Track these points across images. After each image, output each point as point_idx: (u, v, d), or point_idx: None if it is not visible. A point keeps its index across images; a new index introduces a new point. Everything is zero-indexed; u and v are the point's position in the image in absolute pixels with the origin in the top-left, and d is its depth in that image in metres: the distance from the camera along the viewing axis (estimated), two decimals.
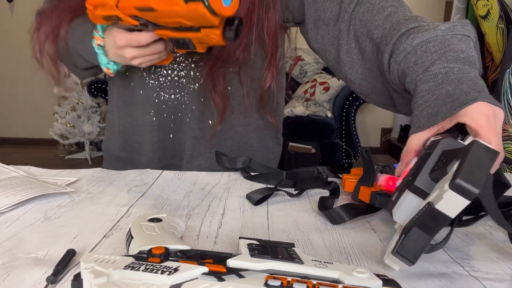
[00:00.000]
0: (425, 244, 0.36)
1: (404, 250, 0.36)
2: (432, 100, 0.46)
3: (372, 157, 0.57)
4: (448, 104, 0.44)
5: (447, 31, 0.51)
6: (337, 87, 2.95)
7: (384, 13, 0.59)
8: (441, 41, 0.51)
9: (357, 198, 0.55)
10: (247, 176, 0.71)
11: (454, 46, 0.49)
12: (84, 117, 3.40)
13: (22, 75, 3.90)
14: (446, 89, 0.46)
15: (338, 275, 0.31)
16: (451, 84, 0.46)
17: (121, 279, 0.29)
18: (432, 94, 0.47)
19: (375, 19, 0.60)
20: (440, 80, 0.47)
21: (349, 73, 0.67)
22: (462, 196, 0.33)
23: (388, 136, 3.82)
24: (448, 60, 0.48)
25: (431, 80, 0.48)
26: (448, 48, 0.49)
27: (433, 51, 0.50)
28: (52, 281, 0.37)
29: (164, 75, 0.76)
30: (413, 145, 0.47)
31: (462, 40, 0.50)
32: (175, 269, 0.30)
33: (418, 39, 0.52)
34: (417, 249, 0.36)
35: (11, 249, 0.44)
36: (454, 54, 0.49)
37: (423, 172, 0.37)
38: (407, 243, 0.36)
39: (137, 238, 0.38)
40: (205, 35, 0.53)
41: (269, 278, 0.29)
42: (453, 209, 0.34)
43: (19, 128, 4.07)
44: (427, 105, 0.46)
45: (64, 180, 0.67)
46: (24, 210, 0.55)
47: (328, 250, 0.45)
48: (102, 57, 0.66)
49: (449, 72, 0.47)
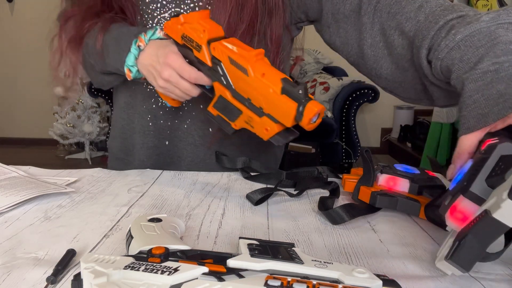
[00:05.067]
0: (479, 252, 0.35)
1: (458, 258, 0.35)
2: (482, 100, 0.44)
3: (372, 157, 0.57)
4: (500, 105, 0.42)
5: (492, 21, 0.47)
6: (337, 87, 2.94)
7: (415, 4, 0.56)
8: (486, 34, 0.47)
9: (357, 198, 0.55)
10: (247, 176, 0.71)
11: (502, 38, 0.46)
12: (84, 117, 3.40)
13: (22, 75, 3.90)
14: (496, 88, 0.43)
15: (338, 275, 0.31)
16: (502, 82, 0.43)
17: (121, 279, 0.29)
18: (481, 94, 0.44)
19: (406, 11, 0.56)
20: (489, 79, 0.44)
21: (374, 68, 0.64)
22: None
23: (388, 136, 3.82)
24: (497, 54, 0.45)
25: (480, 79, 0.45)
26: (496, 41, 0.46)
27: (479, 46, 0.47)
28: (52, 281, 0.37)
29: None
30: (466, 146, 0.45)
31: (509, 29, 0.47)
32: (175, 269, 0.30)
33: (461, 34, 0.48)
34: (472, 257, 0.35)
35: (11, 249, 0.44)
36: (503, 46, 0.45)
37: (479, 177, 0.36)
38: (461, 251, 0.35)
39: (137, 238, 0.38)
40: (262, 122, 0.50)
41: (269, 278, 0.29)
42: (510, 218, 0.32)
43: (19, 128, 4.07)
44: (476, 105, 0.44)
45: (64, 180, 0.67)
46: (24, 210, 0.55)
47: (328, 250, 0.45)
48: (131, 58, 0.64)
49: (499, 69, 0.44)
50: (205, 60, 0.55)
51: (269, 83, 0.48)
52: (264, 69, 0.49)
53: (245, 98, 0.52)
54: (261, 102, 0.50)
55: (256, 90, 0.50)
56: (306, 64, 3.28)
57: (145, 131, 0.78)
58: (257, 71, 0.49)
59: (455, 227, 0.38)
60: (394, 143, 3.67)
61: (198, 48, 0.55)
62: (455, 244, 0.35)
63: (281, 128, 0.50)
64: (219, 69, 0.54)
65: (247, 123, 0.53)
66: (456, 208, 0.38)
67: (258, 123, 0.51)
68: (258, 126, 0.51)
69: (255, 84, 0.49)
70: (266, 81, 0.48)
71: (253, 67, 0.49)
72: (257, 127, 0.52)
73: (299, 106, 0.46)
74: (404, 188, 0.55)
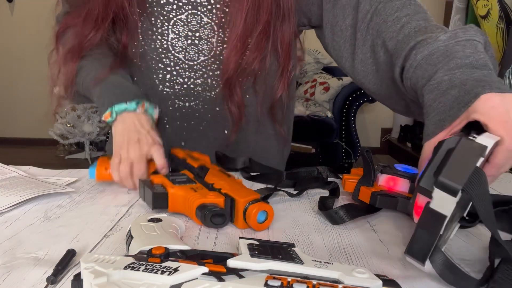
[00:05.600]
0: (430, 244, 0.36)
1: (412, 251, 0.37)
2: (440, 107, 0.46)
3: (372, 157, 0.57)
4: (454, 108, 0.44)
5: (449, 40, 0.51)
6: (337, 87, 2.94)
7: (398, 25, 0.59)
8: (444, 52, 0.50)
9: (357, 198, 0.55)
10: (247, 176, 0.71)
11: (458, 54, 0.49)
12: (84, 117, 3.39)
13: (22, 75, 3.90)
14: (451, 94, 0.45)
15: (338, 275, 0.31)
16: (455, 88, 0.46)
17: (121, 279, 0.29)
18: (438, 102, 0.46)
19: (390, 30, 0.60)
20: (444, 87, 0.47)
21: (363, 83, 0.67)
22: (447, 193, 0.33)
23: (388, 136, 3.82)
24: (451, 68, 0.48)
25: (435, 89, 0.48)
26: (451, 57, 0.49)
27: (437, 62, 0.50)
28: (52, 281, 0.37)
29: (180, 83, 0.75)
30: (428, 152, 0.46)
31: (466, 46, 0.50)
32: (175, 269, 0.30)
33: (422, 53, 0.52)
34: (424, 250, 0.36)
35: (11, 249, 0.44)
36: (458, 61, 0.48)
37: (428, 172, 0.37)
38: (413, 244, 0.37)
39: (137, 238, 0.38)
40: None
41: (269, 279, 0.29)
42: (444, 207, 0.34)
43: (19, 128, 4.07)
44: (435, 112, 0.46)
45: (64, 180, 0.67)
46: (24, 210, 0.55)
47: (328, 250, 0.45)
48: (122, 107, 0.67)
49: (452, 78, 0.47)
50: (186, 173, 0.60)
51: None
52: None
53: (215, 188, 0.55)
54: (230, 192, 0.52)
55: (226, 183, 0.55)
56: (306, 64, 3.28)
57: (162, 133, 0.77)
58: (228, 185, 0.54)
59: None
60: (394, 143, 3.67)
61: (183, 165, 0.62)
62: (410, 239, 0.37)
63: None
64: (199, 178, 0.59)
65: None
66: (417, 204, 0.40)
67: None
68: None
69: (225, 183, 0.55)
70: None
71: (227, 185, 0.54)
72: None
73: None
74: (404, 188, 0.55)
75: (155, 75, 0.75)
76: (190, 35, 0.72)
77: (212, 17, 0.71)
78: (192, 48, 0.73)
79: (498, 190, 0.65)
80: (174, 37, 0.72)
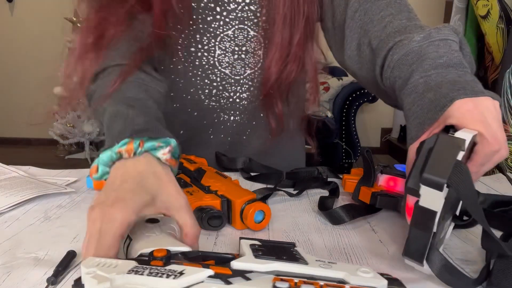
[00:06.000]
0: (425, 242, 0.36)
1: (409, 252, 0.37)
2: (418, 110, 0.47)
3: (372, 157, 0.57)
4: (432, 111, 0.45)
5: (423, 40, 0.51)
6: (337, 87, 2.94)
7: (382, 24, 0.60)
8: (417, 52, 0.51)
9: (357, 198, 0.55)
10: (247, 176, 0.71)
11: (431, 54, 0.50)
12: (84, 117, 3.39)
13: (22, 75, 3.90)
14: (428, 97, 0.46)
15: (343, 275, 0.31)
16: (431, 91, 0.46)
17: (125, 284, 0.29)
18: (417, 105, 0.47)
19: (375, 29, 0.60)
20: (421, 90, 0.48)
21: (355, 76, 0.68)
22: (433, 188, 0.34)
23: (388, 136, 3.82)
24: (425, 69, 0.49)
25: (413, 92, 0.48)
26: (424, 57, 0.50)
27: (411, 63, 0.51)
28: (53, 282, 0.37)
29: (226, 97, 0.74)
30: (413, 155, 0.46)
31: (440, 46, 0.50)
32: (180, 272, 0.30)
33: (397, 54, 0.53)
34: (420, 249, 0.37)
35: (11, 249, 0.44)
36: (431, 62, 0.49)
37: (413, 172, 0.38)
38: (409, 244, 0.37)
39: (137, 240, 0.38)
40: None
41: (276, 280, 0.29)
42: (433, 202, 0.35)
43: (19, 128, 4.07)
44: (415, 116, 0.47)
45: (64, 180, 0.67)
46: (24, 210, 0.55)
47: (328, 250, 0.45)
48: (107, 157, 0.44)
49: (428, 80, 0.48)
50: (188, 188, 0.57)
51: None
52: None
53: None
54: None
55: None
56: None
57: (206, 143, 0.77)
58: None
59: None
60: (394, 143, 3.67)
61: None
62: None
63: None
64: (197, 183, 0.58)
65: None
66: (408, 205, 0.40)
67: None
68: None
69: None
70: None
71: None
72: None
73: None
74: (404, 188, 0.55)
75: (200, 90, 0.73)
76: (236, 49, 0.71)
77: (258, 30, 0.70)
78: (238, 62, 0.72)
79: (498, 190, 0.65)
80: (220, 53, 0.71)
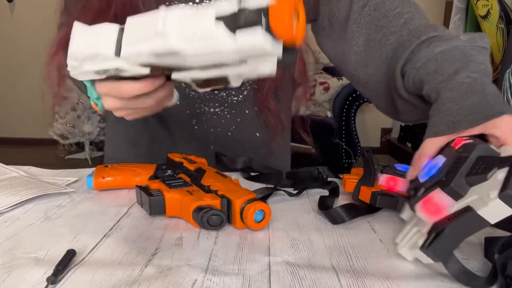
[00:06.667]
0: (456, 244, 0.37)
1: (435, 248, 0.37)
2: (455, 108, 0.46)
3: (372, 157, 0.57)
4: (473, 115, 0.45)
5: (468, 42, 0.52)
6: (337, 87, 2.94)
7: (400, 20, 0.59)
8: (462, 51, 0.51)
9: (357, 198, 0.55)
10: (247, 176, 0.71)
11: (475, 57, 0.50)
12: (84, 117, 3.40)
13: (22, 75, 3.90)
14: (471, 99, 0.46)
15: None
16: (476, 95, 0.46)
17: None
18: (455, 103, 0.47)
19: (391, 25, 0.60)
20: (464, 90, 0.47)
21: (353, 75, 0.68)
22: (509, 206, 0.34)
23: (388, 136, 3.82)
24: (471, 70, 0.49)
25: (456, 89, 0.48)
26: (470, 59, 0.50)
27: (454, 60, 0.50)
28: (53, 281, 0.37)
29: None
30: (428, 150, 0.47)
31: (481, 52, 0.51)
32: None
33: (440, 47, 0.52)
34: (448, 249, 0.37)
35: (11, 249, 0.44)
36: (476, 65, 0.49)
37: (459, 174, 0.38)
38: (439, 242, 0.37)
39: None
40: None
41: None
42: (495, 217, 0.35)
43: (19, 128, 4.07)
44: (448, 112, 0.46)
45: (64, 180, 0.67)
46: (24, 210, 0.55)
47: (328, 250, 0.45)
48: (92, 91, 0.52)
49: (473, 83, 0.47)
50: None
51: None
52: None
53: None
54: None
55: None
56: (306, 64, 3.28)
57: (189, 135, 0.76)
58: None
59: (425, 217, 0.40)
60: (394, 143, 3.67)
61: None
62: (432, 235, 0.38)
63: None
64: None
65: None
66: (431, 200, 0.40)
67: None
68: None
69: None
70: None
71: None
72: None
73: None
74: (404, 188, 0.55)
75: None
76: None
77: None
78: None
79: None
80: None
